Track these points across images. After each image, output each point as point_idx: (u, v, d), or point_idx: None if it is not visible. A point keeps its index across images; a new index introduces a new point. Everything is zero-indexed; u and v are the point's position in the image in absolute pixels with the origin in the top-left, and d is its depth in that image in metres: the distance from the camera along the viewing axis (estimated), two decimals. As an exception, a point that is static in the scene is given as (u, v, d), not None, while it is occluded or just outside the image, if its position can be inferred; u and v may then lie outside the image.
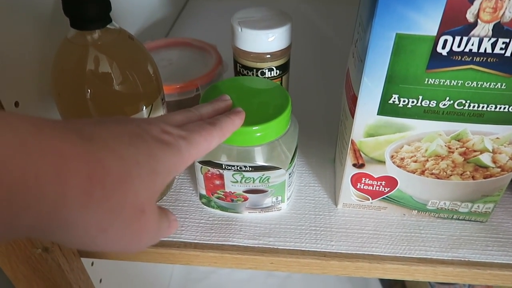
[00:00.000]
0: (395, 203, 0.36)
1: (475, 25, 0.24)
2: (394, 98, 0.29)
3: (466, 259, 0.34)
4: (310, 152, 0.44)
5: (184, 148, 0.23)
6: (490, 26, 0.24)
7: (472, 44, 0.25)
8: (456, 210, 0.36)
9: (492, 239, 0.35)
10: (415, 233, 0.36)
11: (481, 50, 0.25)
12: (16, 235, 0.17)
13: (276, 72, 0.40)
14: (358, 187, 0.36)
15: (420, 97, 0.28)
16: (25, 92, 0.32)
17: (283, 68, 0.40)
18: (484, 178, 0.32)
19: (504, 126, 0.29)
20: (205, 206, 0.38)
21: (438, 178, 0.33)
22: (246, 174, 0.33)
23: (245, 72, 0.40)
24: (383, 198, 0.36)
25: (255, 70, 0.39)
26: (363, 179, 0.35)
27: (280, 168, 0.33)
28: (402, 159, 0.32)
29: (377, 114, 0.30)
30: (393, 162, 0.33)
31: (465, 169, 0.32)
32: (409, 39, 0.26)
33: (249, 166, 0.33)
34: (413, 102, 0.29)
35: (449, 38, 0.25)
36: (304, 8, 0.78)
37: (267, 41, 0.37)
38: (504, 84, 0.27)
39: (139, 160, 0.20)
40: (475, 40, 0.25)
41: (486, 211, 0.35)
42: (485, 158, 0.31)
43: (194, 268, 0.83)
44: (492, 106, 0.28)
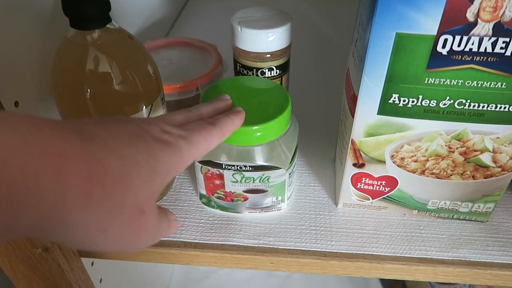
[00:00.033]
0: (396, 203, 0.36)
1: (475, 25, 0.24)
2: (394, 98, 0.29)
3: (467, 259, 0.34)
4: (310, 152, 0.44)
5: (184, 148, 0.23)
6: (490, 26, 0.24)
7: (472, 44, 0.25)
8: (457, 210, 0.36)
9: (493, 239, 0.35)
10: (416, 233, 0.36)
11: (481, 50, 0.25)
12: (16, 235, 0.17)
13: (276, 72, 0.40)
14: (358, 187, 0.35)
15: (420, 97, 0.28)
16: (25, 92, 0.32)
17: (283, 68, 0.40)
18: (485, 178, 0.32)
19: (505, 126, 0.29)
20: (205, 206, 0.38)
21: (439, 178, 0.33)
22: (246, 174, 0.33)
23: (245, 72, 0.40)
24: (384, 198, 0.36)
25: (255, 70, 0.39)
26: (363, 179, 0.35)
27: (280, 168, 0.33)
28: (402, 159, 0.32)
29: (377, 114, 0.30)
30: (393, 162, 0.33)
31: (466, 169, 0.32)
32: (409, 39, 0.25)
33: (249, 166, 0.33)
34: (413, 102, 0.29)
35: (449, 38, 0.25)
36: (304, 8, 0.78)
37: (267, 41, 0.37)
38: (505, 84, 0.27)
39: (139, 160, 0.20)
40: (475, 40, 0.25)
41: (487, 211, 0.35)
42: (486, 158, 0.31)
43: (194, 268, 0.83)
44: (493, 106, 0.28)
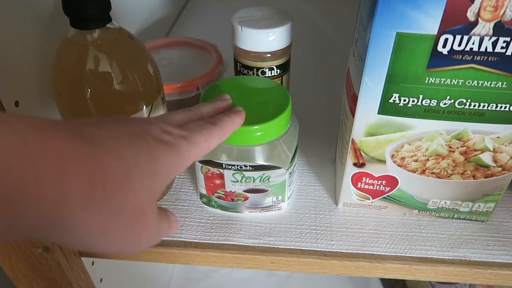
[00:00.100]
0: (396, 203, 0.36)
1: (476, 24, 0.24)
2: (395, 97, 0.29)
3: (467, 259, 0.34)
4: (311, 152, 0.44)
5: (185, 148, 0.23)
6: (491, 25, 0.24)
7: (473, 43, 0.25)
8: (457, 210, 0.36)
9: (493, 239, 0.35)
10: (416, 233, 0.36)
11: (482, 49, 0.25)
12: (17, 236, 0.17)
13: (277, 72, 0.39)
14: (359, 187, 0.35)
15: (421, 96, 0.28)
16: (25, 92, 0.32)
17: (284, 68, 0.40)
18: (485, 178, 0.32)
19: (505, 125, 0.29)
20: (206, 206, 0.38)
21: (439, 178, 0.33)
22: (247, 174, 0.33)
23: (246, 72, 0.40)
24: (384, 198, 0.36)
25: (256, 70, 0.39)
26: (364, 179, 0.35)
27: (281, 168, 0.33)
28: (403, 159, 0.32)
29: (378, 113, 0.30)
30: (394, 162, 0.33)
31: (466, 169, 0.32)
32: (410, 38, 0.25)
33: (250, 166, 0.33)
34: (414, 101, 0.29)
35: (450, 37, 0.25)
36: (305, 7, 0.78)
37: (268, 40, 0.37)
38: (505, 83, 0.27)
39: (140, 161, 0.20)
40: (476, 39, 0.25)
41: (487, 211, 0.35)
42: (486, 157, 0.31)
43: (195, 268, 0.83)
44: (493, 105, 0.28)
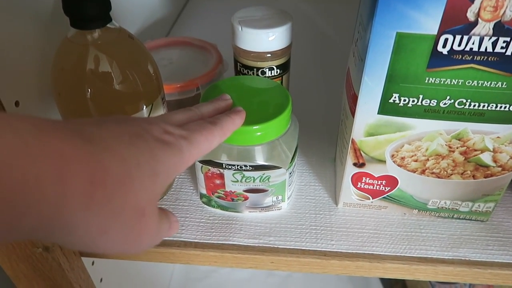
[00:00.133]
0: (396, 203, 0.36)
1: (476, 24, 0.24)
2: (395, 97, 0.29)
3: (467, 259, 0.34)
4: (311, 152, 0.44)
5: (185, 148, 0.23)
6: (491, 25, 0.24)
7: (473, 43, 0.25)
8: (457, 210, 0.36)
9: (493, 239, 0.35)
10: (416, 233, 0.36)
11: (482, 49, 0.25)
12: (17, 237, 0.17)
13: (277, 71, 0.39)
14: (359, 187, 0.35)
15: (421, 96, 0.28)
16: (25, 92, 0.32)
17: (284, 67, 0.40)
18: (485, 177, 0.32)
19: (505, 125, 0.29)
20: (206, 206, 0.38)
21: (439, 177, 0.33)
22: (247, 174, 0.33)
23: (246, 71, 0.40)
24: (384, 198, 0.36)
25: (256, 69, 0.39)
26: (364, 179, 0.35)
27: (281, 168, 0.33)
28: (403, 158, 0.32)
29: (378, 113, 0.30)
30: (394, 161, 0.33)
31: (466, 168, 0.32)
32: (410, 38, 0.25)
33: (250, 166, 0.33)
34: (414, 101, 0.29)
35: (450, 37, 0.25)
36: (304, 7, 0.78)
37: (268, 40, 0.37)
38: (505, 83, 0.27)
39: (140, 161, 0.20)
40: (476, 39, 0.25)
41: (487, 211, 0.35)
42: (486, 157, 0.31)
43: (195, 267, 0.83)
44: (493, 105, 0.28)
